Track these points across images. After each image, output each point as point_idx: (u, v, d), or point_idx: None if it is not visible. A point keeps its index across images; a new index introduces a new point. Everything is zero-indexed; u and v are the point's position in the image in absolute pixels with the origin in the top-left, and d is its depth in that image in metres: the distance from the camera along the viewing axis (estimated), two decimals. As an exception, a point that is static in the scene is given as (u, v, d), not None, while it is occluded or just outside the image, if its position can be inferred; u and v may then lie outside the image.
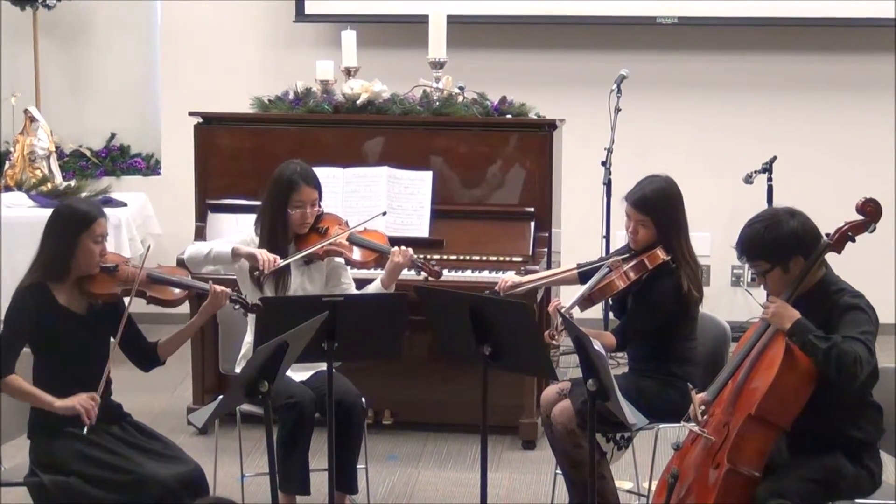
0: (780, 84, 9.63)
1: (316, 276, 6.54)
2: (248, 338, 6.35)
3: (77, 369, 5.66)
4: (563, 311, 5.91)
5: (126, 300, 5.76)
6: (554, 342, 6.30)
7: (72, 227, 5.71)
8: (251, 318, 6.23)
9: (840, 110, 9.62)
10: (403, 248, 6.57)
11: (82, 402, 5.53)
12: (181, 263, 6.72)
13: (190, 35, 9.84)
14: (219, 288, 5.94)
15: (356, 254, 6.63)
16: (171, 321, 5.99)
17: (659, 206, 6.29)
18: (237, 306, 6.05)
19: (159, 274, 5.99)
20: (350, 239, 6.60)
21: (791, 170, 9.12)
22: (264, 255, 6.30)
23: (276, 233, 6.49)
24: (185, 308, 6.28)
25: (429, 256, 7.12)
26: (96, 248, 5.71)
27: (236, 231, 6.93)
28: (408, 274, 6.69)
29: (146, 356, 5.93)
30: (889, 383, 5.54)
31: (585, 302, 6.30)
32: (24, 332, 5.62)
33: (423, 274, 6.62)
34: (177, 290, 5.95)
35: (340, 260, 6.63)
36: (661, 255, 6.26)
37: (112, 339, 5.72)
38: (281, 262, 6.30)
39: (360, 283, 6.76)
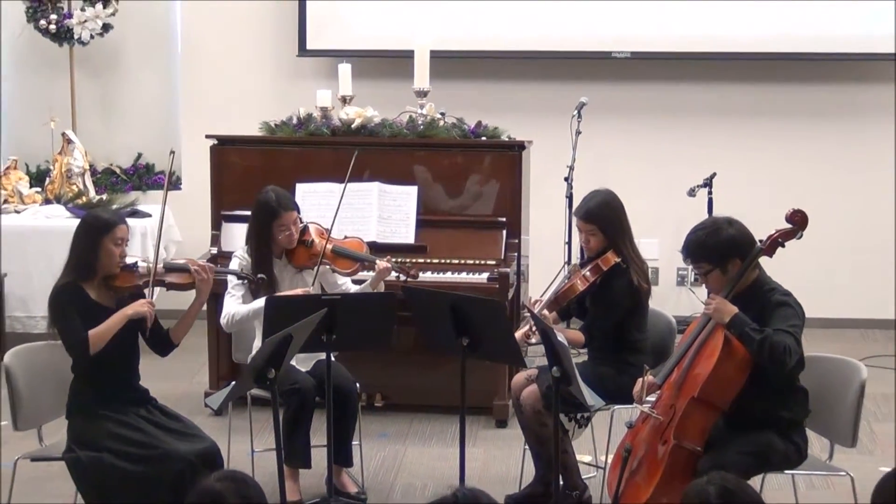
0: (718, 110, 9.63)
1: (307, 280, 6.52)
2: (258, 342, 6.33)
3: (110, 357, 5.64)
4: (534, 311, 5.91)
5: (147, 291, 5.80)
6: (529, 342, 6.32)
7: (94, 232, 5.73)
8: (258, 322, 6.25)
9: (769, 133, 9.63)
10: (384, 262, 6.57)
11: (146, 306, 5.69)
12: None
13: (206, 67, 9.82)
14: (204, 275, 5.95)
15: (343, 264, 6.63)
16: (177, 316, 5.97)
17: (603, 216, 6.30)
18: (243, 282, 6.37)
19: (172, 262, 6.07)
20: (334, 250, 6.59)
21: (728, 184, 9.12)
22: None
23: (262, 254, 6.48)
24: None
25: (413, 260, 7.12)
26: (116, 250, 5.72)
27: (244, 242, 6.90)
28: (391, 277, 6.69)
29: (163, 342, 5.92)
30: (815, 370, 5.55)
31: (553, 304, 6.31)
32: (72, 312, 5.62)
33: (403, 276, 6.63)
34: (188, 275, 5.97)
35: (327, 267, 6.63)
36: (613, 257, 6.28)
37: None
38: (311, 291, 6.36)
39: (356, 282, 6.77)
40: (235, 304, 6.43)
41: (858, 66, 9.49)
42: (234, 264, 6.56)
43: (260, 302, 6.30)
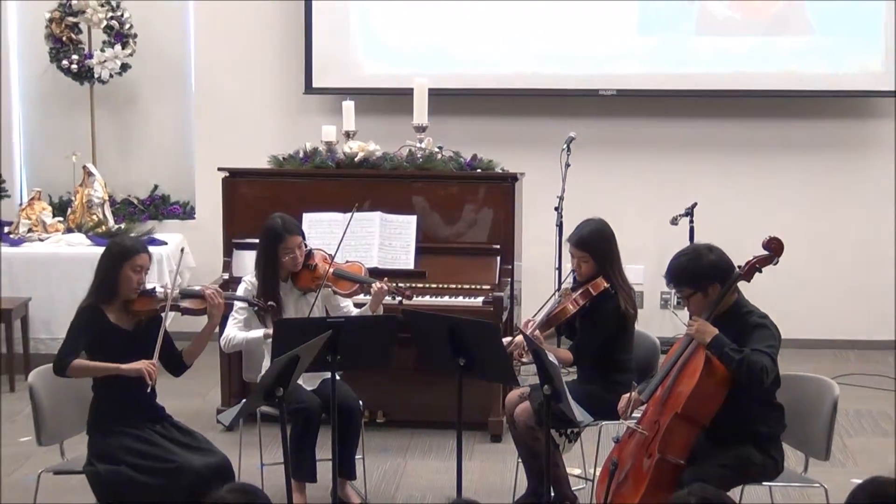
0: (699, 144, 9.65)
1: (311, 301, 6.53)
2: (266, 362, 6.34)
3: (128, 377, 5.64)
4: (527, 333, 5.92)
5: (163, 315, 5.80)
6: (522, 361, 6.32)
7: (116, 258, 5.76)
8: (268, 342, 6.26)
9: (746, 165, 9.65)
10: (380, 284, 6.57)
11: (145, 366, 5.59)
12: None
13: (219, 104, 9.83)
14: (217, 300, 5.96)
15: (344, 286, 6.64)
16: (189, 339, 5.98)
17: (595, 244, 6.30)
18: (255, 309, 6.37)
19: (188, 289, 6.09)
20: (336, 273, 6.60)
21: (708, 213, 9.13)
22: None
23: (269, 279, 6.48)
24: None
25: (413, 285, 7.13)
26: (134, 277, 5.74)
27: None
28: (388, 299, 6.68)
29: (177, 363, 5.93)
30: (790, 387, 5.56)
31: (545, 325, 6.31)
32: (84, 337, 5.64)
33: (398, 298, 6.62)
34: (201, 300, 5.98)
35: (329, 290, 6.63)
36: (602, 283, 6.28)
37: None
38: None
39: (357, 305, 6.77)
40: (235, 329, 6.46)
41: (827, 104, 9.52)
42: (241, 289, 6.57)
43: (256, 333, 6.39)
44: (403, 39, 9.56)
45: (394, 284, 6.66)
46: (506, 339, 6.07)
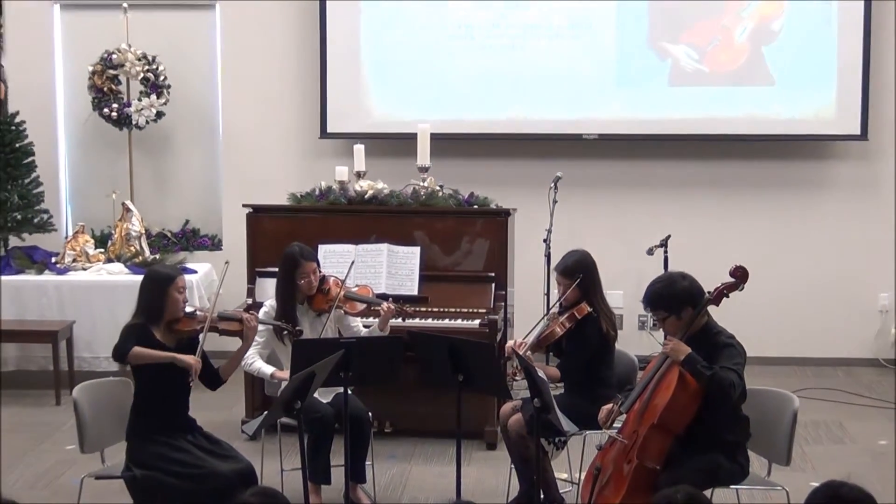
0: (672, 183, 9.66)
1: (324, 322, 6.53)
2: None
3: (168, 388, 5.66)
4: (519, 352, 5.92)
5: (201, 336, 5.80)
6: (516, 378, 6.33)
7: (161, 283, 5.76)
8: (273, 382, 6.31)
9: (715, 202, 9.65)
10: (387, 305, 6.59)
11: (195, 361, 5.64)
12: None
13: (243, 147, 9.84)
14: (253, 323, 6.02)
15: (354, 307, 6.65)
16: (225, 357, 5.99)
17: (579, 272, 6.30)
18: (285, 333, 6.39)
19: (226, 312, 6.10)
20: (346, 294, 6.61)
21: (681, 245, 9.13)
22: (279, 374, 6.42)
23: (287, 301, 6.50)
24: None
25: (416, 308, 7.14)
26: (180, 297, 5.76)
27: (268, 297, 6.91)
28: (395, 322, 6.70)
29: (214, 378, 5.93)
30: (755, 400, 5.55)
31: (535, 346, 6.32)
32: (134, 338, 5.64)
33: (399, 317, 6.67)
34: (238, 323, 5.98)
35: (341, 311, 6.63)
36: (586, 307, 6.28)
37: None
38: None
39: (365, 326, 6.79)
40: (255, 351, 6.47)
41: (786, 147, 9.54)
42: (262, 312, 6.59)
43: (267, 370, 6.43)
44: (408, 90, 9.58)
45: (398, 305, 6.67)
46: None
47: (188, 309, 5.82)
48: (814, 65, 9.34)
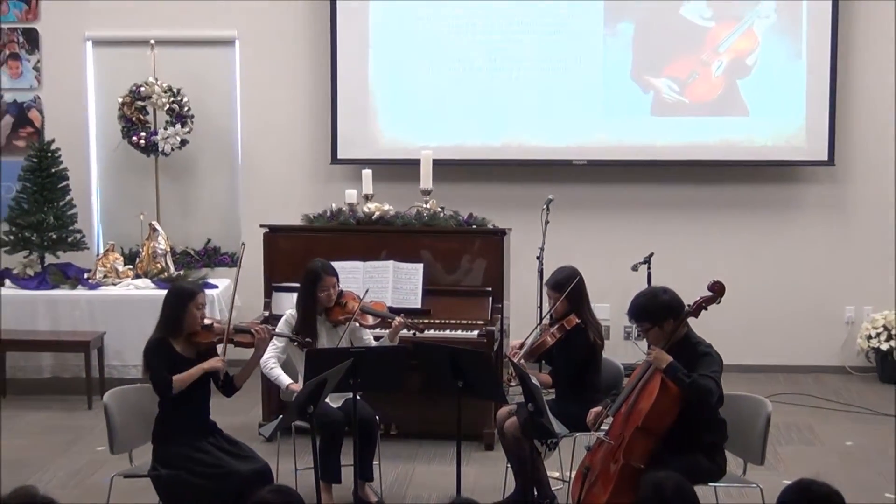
0: (655, 205, 9.66)
1: (339, 333, 6.53)
2: (300, 384, 6.33)
3: (188, 397, 5.65)
4: (514, 360, 5.92)
5: (219, 347, 5.80)
6: (511, 385, 6.33)
7: (182, 298, 5.75)
8: (301, 368, 6.26)
9: (695, 222, 9.65)
10: (399, 319, 6.60)
11: (220, 362, 5.70)
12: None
13: (260, 172, 9.85)
14: (263, 335, 6.00)
15: (368, 320, 6.65)
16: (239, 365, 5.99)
17: (568, 287, 6.31)
18: (295, 343, 6.35)
19: (241, 325, 6.07)
20: (362, 308, 6.61)
21: (663, 261, 9.10)
22: (293, 387, 6.34)
23: (308, 311, 6.51)
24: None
25: (420, 320, 7.13)
26: (198, 313, 5.75)
27: (289, 307, 6.89)
28: (404, 332, 6.70)
29: (230, 386, 5.92)
30: (731, 404, 5.55)
31: (528, 355, 6.33)
32: (164, 365, 5.63)
33: (412, 331, 6.67)
34: (251, 336, 5.97)
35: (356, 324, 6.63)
36: (575, 319, 6.30)
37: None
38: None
39: (377, 338, 6.78)
40: (274, 357, 6.47)
41: (760, 171, 9.55)
42: (282, 320, 6.62)
43: (284, 380, 6.39)
44: (411, 120, 9.58)
45: (410, 320, 6.67)
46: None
47: (206, 321, 5.82)
48: (785, 96, 9.35)
